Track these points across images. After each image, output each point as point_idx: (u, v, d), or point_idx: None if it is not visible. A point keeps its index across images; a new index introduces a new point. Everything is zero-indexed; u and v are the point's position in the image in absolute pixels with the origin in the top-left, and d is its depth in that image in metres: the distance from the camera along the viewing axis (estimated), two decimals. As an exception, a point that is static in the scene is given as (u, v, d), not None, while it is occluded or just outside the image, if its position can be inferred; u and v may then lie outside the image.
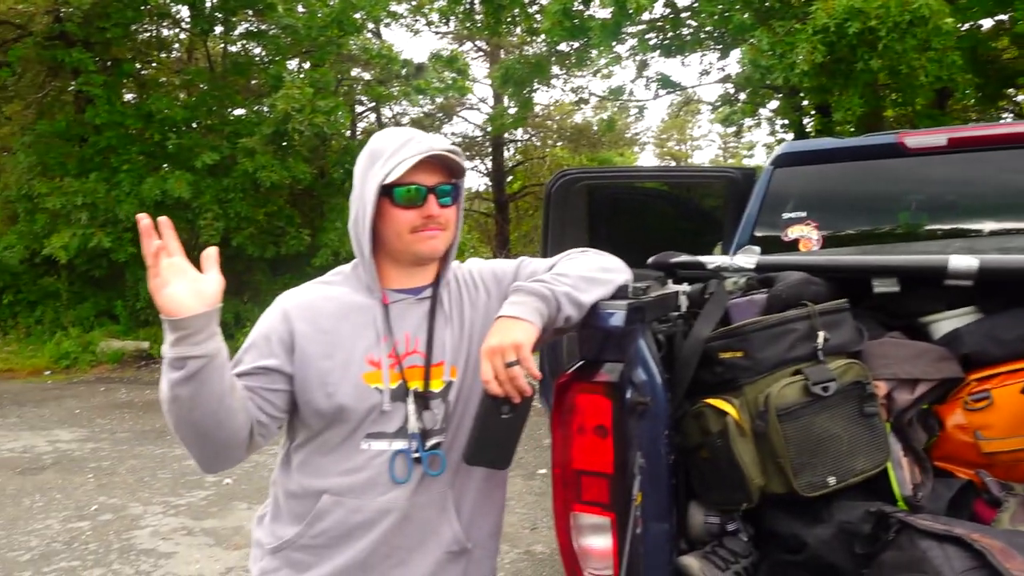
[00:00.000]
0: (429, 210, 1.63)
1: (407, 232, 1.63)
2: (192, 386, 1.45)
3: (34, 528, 5.31)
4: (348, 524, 1.62)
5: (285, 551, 1.67)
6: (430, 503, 1.65)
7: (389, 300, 1.68)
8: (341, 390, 1.60)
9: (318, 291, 1.71)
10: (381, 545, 1.63)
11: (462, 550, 1.70)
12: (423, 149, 1.60)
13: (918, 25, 7.62)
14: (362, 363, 1.62)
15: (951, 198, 3.53)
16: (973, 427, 1.82)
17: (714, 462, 1.72)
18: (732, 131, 21.86)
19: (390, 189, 1.61)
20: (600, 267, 1.72)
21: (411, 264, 1.70)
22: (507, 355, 1.49)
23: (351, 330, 1.64)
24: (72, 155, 13.10)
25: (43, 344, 12.53)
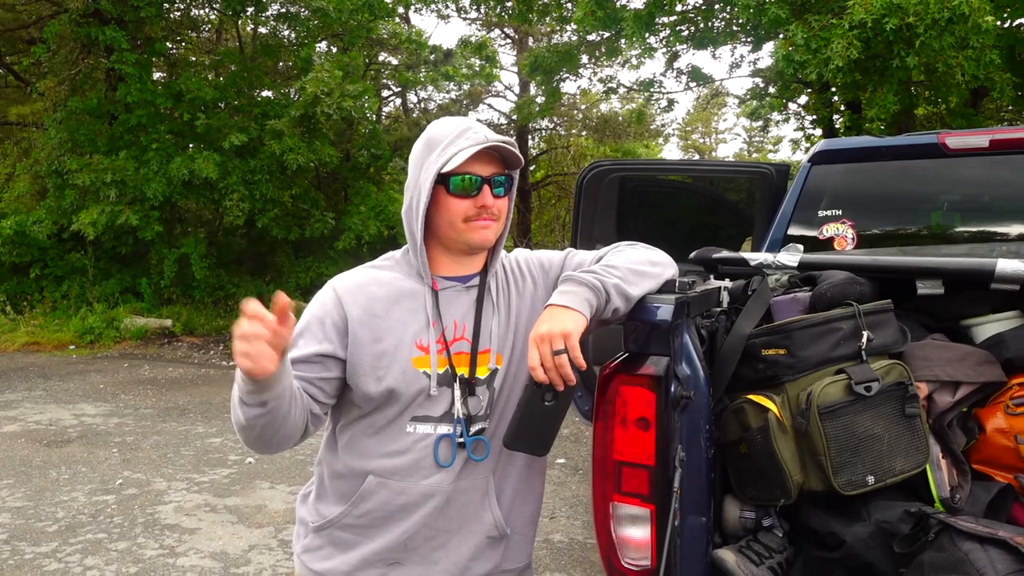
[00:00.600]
0: (483, 200, 1.64)
1: (460, 221, 1.65)
2: (267, 417, 1.51)
3: (60, 500, 5.40)
4: (392, 505, 1.65)
5: (329, 529, 1.70)
6: (472, 488, 1.67)
7: (439, 287, 1.69)
8: (391, 373, 1.62)
9: (370, 275, 1.72)
10: (423, 527, 1.65)
11: (501, 535, 1.72)
12: (480, 140, 1.61)
13: (957, 23, 7.48)
14: (411, 347, 1.64)
15: (991, 200, 3.49)
16: (1014, 431, 1.81)
17: (753, 457, 1.72)
18: (759, 125, 21.71)
19: (446, 178, 1.63)
20: (649, 260, 1.73)
21: (462, 252, 1.71)
22: (555, 343, 1.50)
23: (402, 315, 1.66)
24: (102, 132, 13.23)
25: (68, 319, 12.71)
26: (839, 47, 7.86)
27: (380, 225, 14.06)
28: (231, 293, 14.01)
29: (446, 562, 1.68)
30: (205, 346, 12.24)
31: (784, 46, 8.64)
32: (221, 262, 14.54)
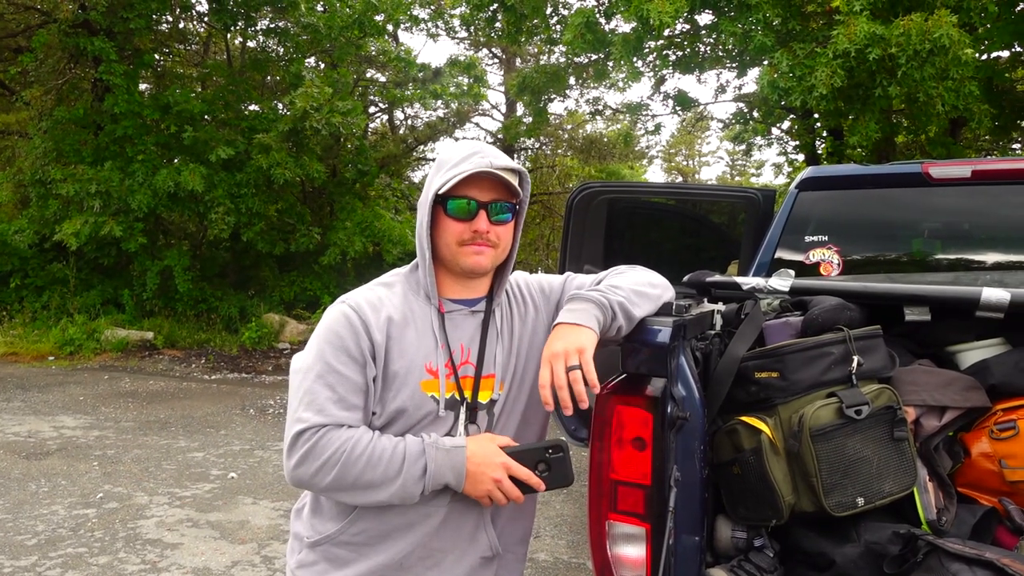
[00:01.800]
0: (478, 224, 1.65)
1: (455, 243, 1.67)
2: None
3: (40, 513, 5.34)
4: (389, 524, 1.66)
5: (324, 545, 1.70)
6: (468, 510, 1.69)
7: (445, 309, 1.71)
8: (401, 395, 1.64)
9: (383, 295, 1.71)
10: (419, 547, 1.67)
11: (495, 555, 1.75)
12: (482, 164, 1.63)
13: (938, 54, 7.65)
14: (421, 371, 1.66)
15: (972, 229, 3.57)
16: (998, 456, 1.86)
17: (745, 478, 1.75)
18: (742, 149, 21.95)
19: (444, 199, 1.65)
20: (649, 283, 1.77)
21: (462, 275, 1.72)
22: (570, 359, 1.52)
23: (414, 337, 1.67)
24: (88, 143, 13.16)
25: (48, 329, 12.58)
26: (823, 75, 8.01)
27: (365, 241, 14.07)
28: (214, 306, 13.93)
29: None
30: (187, 359, 12.15)
31: (769, 73, 8.78)
32: (204, 275, 14.46)
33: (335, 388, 1.60)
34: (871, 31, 7.69)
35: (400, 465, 1.57)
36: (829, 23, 8.56)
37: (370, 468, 1.56)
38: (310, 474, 1.58)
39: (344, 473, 1.56)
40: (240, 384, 10.59)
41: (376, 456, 1.57)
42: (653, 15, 8.44)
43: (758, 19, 8.94)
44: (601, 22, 11.23)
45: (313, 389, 1.60)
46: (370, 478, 1.56)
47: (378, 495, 1.58)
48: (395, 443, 1.59)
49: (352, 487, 1.58)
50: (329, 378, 1.60)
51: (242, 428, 7.94)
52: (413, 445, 1.59)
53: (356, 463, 1.56)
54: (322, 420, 1.58)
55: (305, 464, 1.57)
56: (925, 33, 7.56)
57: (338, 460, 1.56)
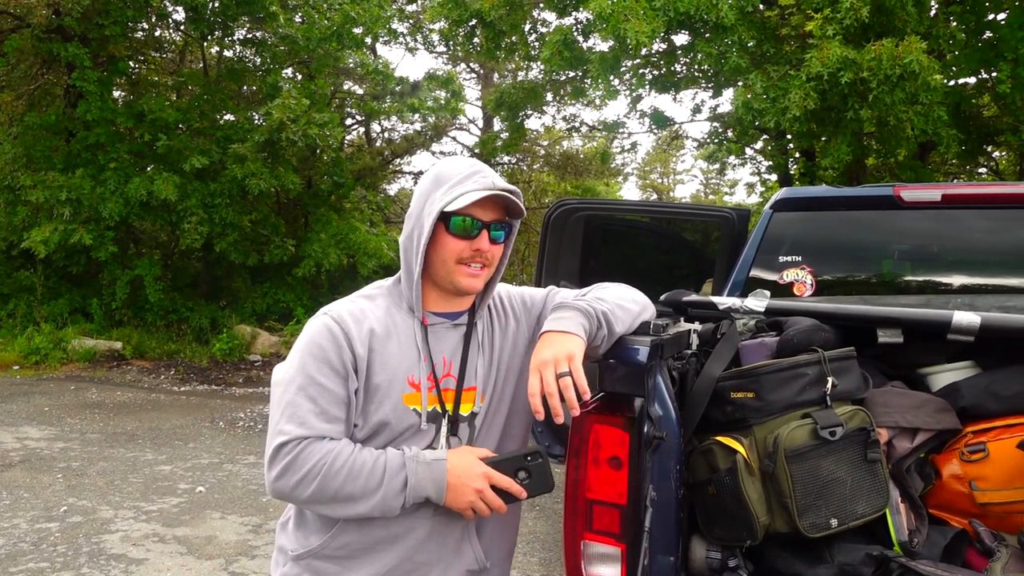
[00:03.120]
0: (480, 244, 1.66)
1: (453, 261, 1.67)
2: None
3: (1, 527, 5.21)
4: (373, 537, 1.66)
5: (307, 559, 1.69)
6: (452, 522, 1.69)
7: (428, 322, 1.72)
8: (383, 408, 1.64)
9: (365, 307, 1.71)
10: (404, 560, 1.67)
11: (480, 569, 1.75)
12: (487, 185, 1.65)
13: (908, 79, 7.81)
14: (404, 384, 1.66)
15: (941, 251, 3.64)
16: (968, 478, 1.88)
17: (720, 498, 1.76)
18: (716, 168, 22.19)
19: (448, 217, 1.65)
20: (631, 299, 1.79)
21: (450, 292, 1.73)
22: (560, 366, 1.52)
23: (396, 350, 1.67)
24: (59, 149, 12.98)
25: (14, 338, 12.33)
26: (796, 97, 8.14)
27: (340, 253, 13.99)
28: (184, 317, 13.75)
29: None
30: (156, 370, 11.97)
31: (743, 94, 8.91)
32: (176, 285, 14.29)
33: (317, 400, 1.59)
34: (843, 55, 7.84)
35: (380, 478, 1.57)
36: (803, 46, 8.71)
37: (350, 481, 1.56)
38: (291, 486, 1.57)
39: (324, 486, 1.55)
40: (210, 396, 10.44)
41: (356, 469, 1.56)
42: (630, 35, 8.53)
43: (733, 41, 9.07)
44: (579, 40, 11.32)
45: (295, 401, 1.60)
46: (350, 490, 1.56)
47: (358, 508, 1.58)
48: (376, 456, 1.59)
49: (332, 500, 1.57)
50: (311, 390, 1.60)
51: (211, 441, 7.82)
52: (394, 458, 1.59)
53: (336, 476, 1.55)
54: (303, 432, 1.57)
55: (286, 476, 1.56)
56: (896, 58, 7.71)
57: (319, 473, 1.55)
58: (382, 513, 1.59)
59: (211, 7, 13.05)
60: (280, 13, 13.15)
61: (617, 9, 8.66)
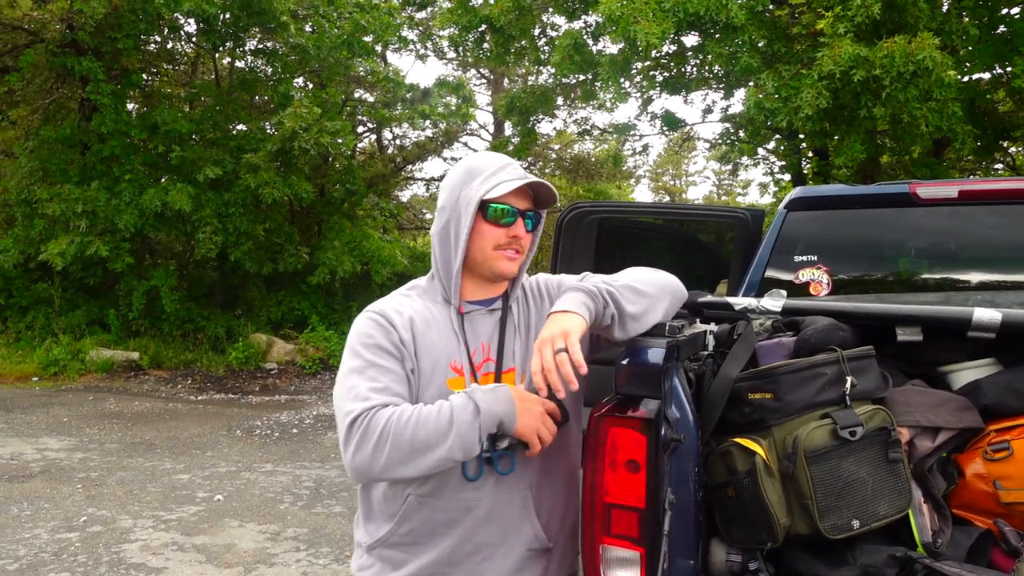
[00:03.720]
0: (516, 231, 1.76)
1: (491, 248, 1.76)
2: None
3: (22, 537, 5.25)
4: (433, 522, 1.72)
5: (378, 549, 1.77)
6: (510, 502, 1.74)
7: (464, 310, 1.80)
8: (428, 394, 1.71)
9: (404, 301, 1.80)
10: (465, 542, 1.72)
11: (544, 548, 1.78)
12: (520, 175, 1.76)
13: (921, 76, 7.75)
14: (447, 369, 1.73)
15: (958, 248, 3.60)
16: (992, 477, 1.85)
17: (740, 500, 1.74)
18: (728, 169, 22.10)
19: (485, 205, 1.74)
20: (651, 282, 1.81)
21: (486, 279, 1.81)
22: (556, 343, 1.57)
23: (436, 337, 1.75)
24: (75, 162, 13.10)
25: (32, 350, 12.44)
26: (808, 96, 8.09)
27: (354, 261, 14.03)
28: (200, 326, 13.83)
29: (490, 574, 1.74)
30: (173, 380, 12.05)
31: (755, 94, 8.87)
32: (191, 295, 14.38)
33: (376, 379, 1.66)
34: (855, 53, 7.79)
35: (449, 416, 1.59)
36: (814, 45, 8.66)
37: (420, 427, 1.58)
38: (369, 456, 1.58)
39: (398, 440, 1.57)
40: (226, 405, 10.49)
41: (424, 416, 1.59)
42: (640, 37, 8.51)
43: (744, 41, 9.04)
44: (589, 43, 11.32)
45: (355, 384, 1.66)
46: (423, 437, 1.57)
47: (438, 452, 1.57)
48: (438, 403, 1.63)
49: (410, 452, 1.57)
50: (369, 372, 1.67)
51: (228, 449, 7.85)
52: (456, 397, 1.63)
53: (406, 427, 1.58)
54: (368, 404, 1.62)
55: (362, 448, 1.58)
56: (908, 55, 7.66)
57: (389, 431, 1.58)
58: (463, 452, 1.59)
59: (222, 19, 13.14)
60: (291, 23, 13.23)
61: (627, 11, 8.66)
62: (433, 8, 16.10)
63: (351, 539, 5.31)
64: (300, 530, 5.50)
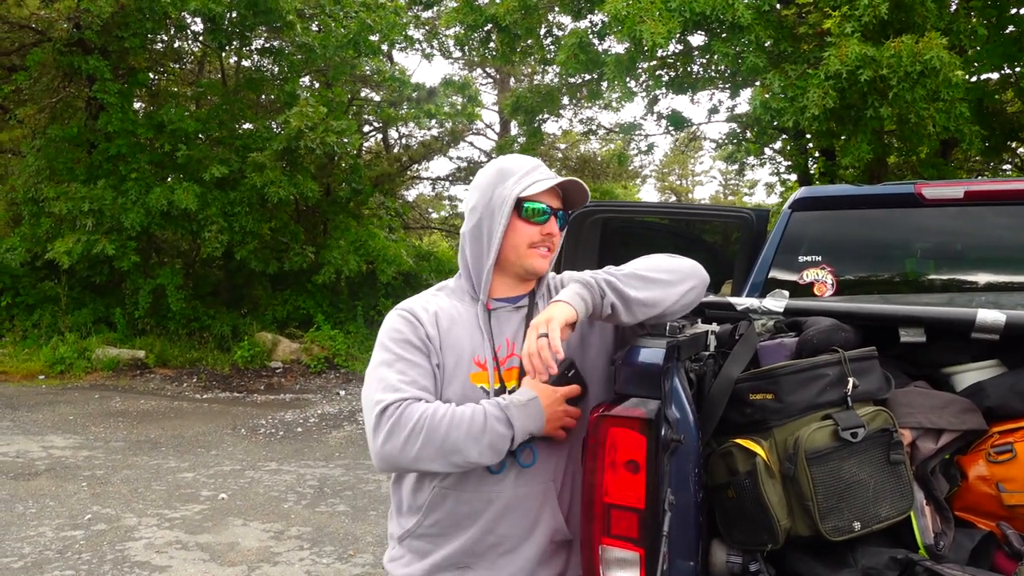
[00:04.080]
0: (550, 228, 1.82)
1: (525, 245, 1.82)
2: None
3: (27, 535, 5.27)
4: (457, 514, 1.77)
5: (407, 539, 1.84)
6: (532, 495, 1.78)
7: (491, 307, 1.85)
8: (451, 388, 1.76)
9: (433, 300, 1.87)
10: (487, 534, 1.77)
11: (565, 540, 1.81)
12: (553, 174, 1.84)
13: (929, 76, 7.71)
14: (470, 364, 1.79)
15: (964, 249, 3.58)
16: (995, 479, 1.84)
17: (740, 502, 1.72)
18: (735, 169, 22.05)
19: (520, 203, 1.80)
20: (663, 268, 1.82)
21: (516, 277, 1.87)
22: (540, 328, 1.62)
23: (461, 333, 1.80)
24: (81, 161, 13.14)
25: (39, 348, 12.49)
26: (815, 96, 8.07)
27: (359, 260, 14.04)
28: (206, 325, 13.86)
29: (512, 567, 1.78)
30: (178, 378, 12.08)
31: (761, 93, 8.84)
32: (197, 293, 14.41)
33: (405, 372, 1.73)
34: (862, 53, 7.76)
35: (483, 423, 1.65)
36: (821, 45, 8.63)
37: (455, 428, 1.64)
38: (399, 447, 1.64)
39: (431, 437, 1.63)
40: (232, 403, 10.52)
41: (458, 418, 1.65)
42: (646, 36, 8.50)
43: (750, 40, 9.01)
44: (594, 43, 11.31)
45: (385, 376, 1.73)
46: (456, 437, 1.63)
47: (468, 454, 1.65)
48: (472, 406, 1.69)
49: (440, 450, 1.64)
50: (398, 365, 1.74)
51: (233, 448, 7.87)
52: (490, 406, 1.69)
53: (439, 426, 1.63)
54: (399, 396, 1.68)
55: (393, 438, 1.65)
56: (916, 55, 7.62)
57: (423, 426, 1.63)
58: (492, 456, 1.67)
59: (229, 18, 13.17)
60: (297, 22, 13.24)
61: (633, 11, 8.64)
62: (439, 7, 16.09)
63: (354, 538, 5.32)
64: (304, 529, 5.51)
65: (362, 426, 9.09)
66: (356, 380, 12.61)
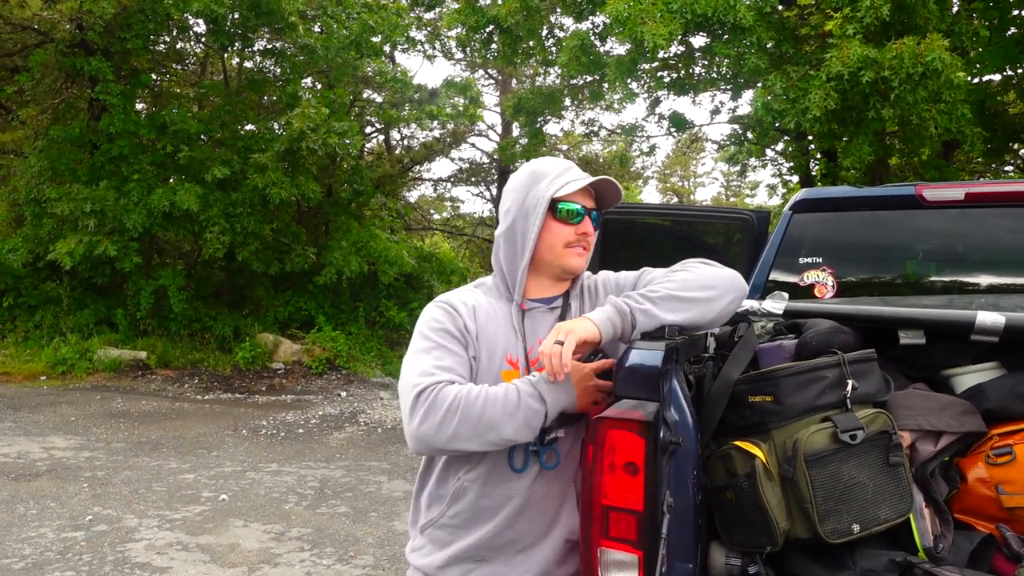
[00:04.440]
0: (584, 228, 1.86)
1: (561, 245, 1.85)
2: None
3: (28, 536, 5.27)
4: (478, 508, 1.81)
5: (429, 529, 1.88)
6: (551, 495, 1.81)
7: (525, 307, 1.88)
8: (484, 381, 1.79)
9: (471, 295, 1.90)
10: (505, 529, 1.80)
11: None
12: (586, 175, 1.86)
13: (931, 77, 7.71)
14: (503, 361, 1.82)
15: (965, 251, 3.57)
16: (995, 481, 1.84)
17: (739, 504, 1.73)
18: (736, 170, 22.04)
19: (555, 204, 1.83)
20: (701, 285, 1.79)
21: (552, 277, 1.89)
22: (559, 334, 1.65)
23: (497, 330, 1.84)
24: (83, 162, 13.16)
25: (40, 349, 12.50)
26: (816, 97, 8.06)
27: (361, 261, 14.04)
28: (208, 326, 13.86)
29: (528, 563, 1.82)
30: (180, 379, 12.08)
31: (763, 95, 8.84)
32: (199, 294, 14.41)
33: (442, 358, 1.77)
34: (864, 54, 7.75)
35: (517, 400, 1.69)
36: (822, 46, 8.63)
37: (490, 405, 1.68)
38: (435, 427, 1.68)
39: (466, 415, 1.67)
40: (233, 404, 10.52)
41: (492, 396, 1.69)
42: (648, 37, 8.49)
43: (752, 42, 9.01)
44: (596, 44, 11.30)
45: (421, 360, 1.76)
46: (491, 415, 1.67)
47: (503, 431, 1.68)
48: (504, 385, 1.73)
49: (475, 428, 1.67)
50: (435, 352, 1.78)
51: (234, 449, 7.87)
52: (523, 384, 1.72)
53: (474, 404, 1.67)
54: (435, 379, 1.72)
55: (428, 419, 1.68)
56: (917, 57, 7.62)
57: (458, 406, 1.67)
58: (527, 433, 1.70)
59: (231, 19, 13.18)
60: (299, 23, 13.25)
61: (634, 12, 8.63)
62: (441, 8, 16.10)
63: (355, 539, 5.32)
64: (304, 530, 5.51)
65: (362, 427, 9.11)
66: (357, 381, 12.61)
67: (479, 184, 23.62)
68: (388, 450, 8.10)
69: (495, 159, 21.73)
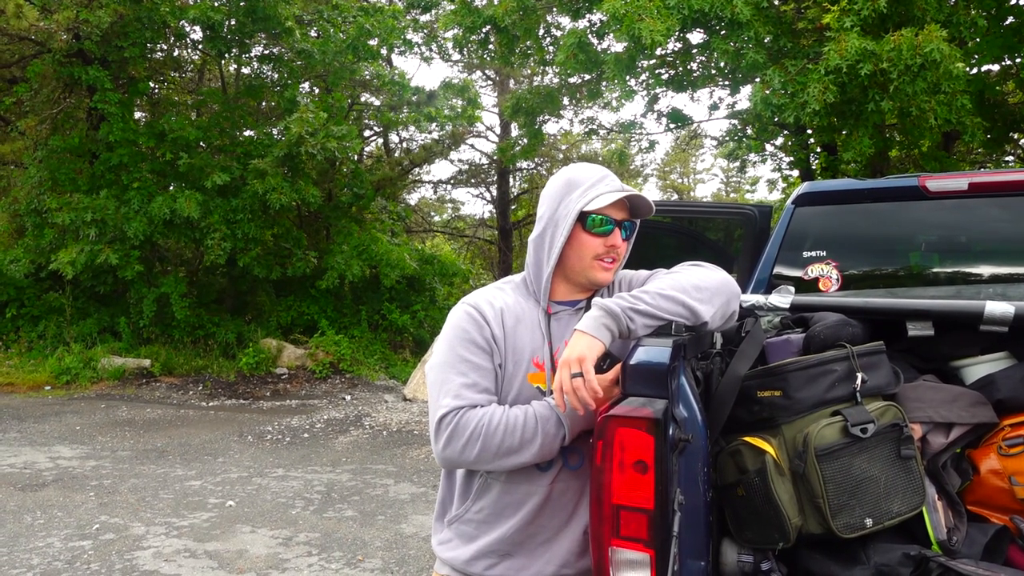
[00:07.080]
0: (614, 240, 1.85)
1: (590, 257, 1.85)
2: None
3: (35, 546, 5.26)
4: (502, 503, 1.85)
5: (455, 524, 1.92)
6: (571, 489, 1.83)
7: (552, 310, 1.90)
8: (510, 386, 1.83)
9: (499, 296, 1.91)
10: (528, 524, 1.84)
11: None
12: (618, 187, 1.86)
13: (929, 69, 7.68)
14: (529, 364, 1.84)
15: (970, 241, 3.55)
16: (1008, 472, 1.82)
17: (750, 500, 1.71)
18: (736, 166, 22.02)
19: (585, 216, 1.84)
20: (694, 286, 1.78)
21: (580, 286, 1.90)
22: (572, 367, 1.64)
23: (524, 332, 1.86)
24: (83, 171, 13.18)
25: (44, 359, 12.51)
26: (815, 91, 8.03)
27: (363, 265, 14.03)
28: (211, 332, 13.87)
29: (549, 554, 1.84)
30: (184, 386, 12.08)
31: (762, 89, 8.81)
32: (201, 301, 14.42)
33: (467, 375, 1.80)
34: (862, 47, 7.73)
35: (535, 427, 1.74)
36: (820, 40, 8.61)
37: (509, 435, 1.73)
38: (458, 451, 1.75)
39: (487, 444, 1.73)
40: (238, 410, 10.52)
41: (511, 424, 1.74)
42: (645, 34, 8.47)
43: (749, 37, 8.98)
44: (593, 42, 11.28)
45: (448, 378, 1.80)
46: (510, 443, 1.73)
47: (522, 457, 1.75)
48: (524, 410, 1.76)
49: (496, 454, 1.74)
50: (460, 367, 1.81)
51: (240, 455, 7.87)
52: (541, 407, 1.76)
53: (495, 433, 1.73)
54: (459, 403, 1.77)
55: (452, 444, 1.75)
56: (916, 48, 7.59)
57: (480, 434, 1.73)
58: (545, 456, 1.76)
59: (228, 26, 13.18)
60: (296, 28, 13.26)
61: (631, 9, 8.61)
62: (437, 10, 16.09)
63: (363, 543, 5.31)
64: (312, 535, 5.50)
65: (368, 431, 9.09)
66: (362, 385, 12.61)
67: (479, 185, 23.64)
68: (394, 453, 8.09)
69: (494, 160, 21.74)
